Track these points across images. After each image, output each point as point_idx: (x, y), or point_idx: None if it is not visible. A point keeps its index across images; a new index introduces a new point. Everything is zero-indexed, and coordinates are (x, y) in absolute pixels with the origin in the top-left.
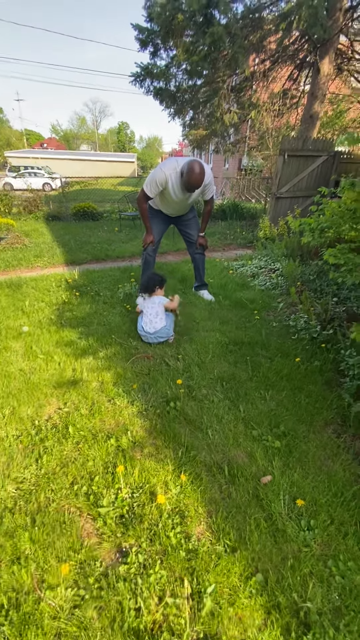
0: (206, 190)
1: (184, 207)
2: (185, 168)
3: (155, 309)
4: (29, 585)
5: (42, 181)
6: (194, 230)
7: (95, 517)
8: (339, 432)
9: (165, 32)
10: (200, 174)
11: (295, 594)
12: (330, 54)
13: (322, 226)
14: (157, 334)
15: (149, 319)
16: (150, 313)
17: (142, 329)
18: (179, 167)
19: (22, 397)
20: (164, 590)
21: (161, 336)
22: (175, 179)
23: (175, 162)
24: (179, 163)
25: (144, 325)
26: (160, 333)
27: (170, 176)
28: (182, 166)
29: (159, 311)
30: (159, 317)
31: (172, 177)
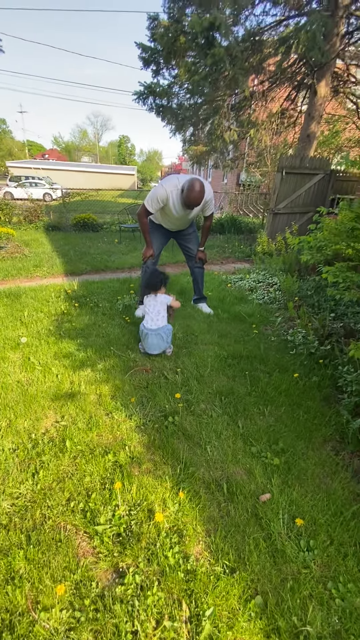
0: (206, 207)
1: (185, 222)
2: (186, 185)
3: (157, 308)
4: (23, 607)
5: (43, 191)
6: (193, 245)
7: (92, 535)
8: (337, 449)
9: (167, 52)
10: (200, 192)
11: (295, 617)
12: (327, 77)
13: (320, 244)
14: (158, 331)
15: (151, 317)
16: (152, 311)
17: (144, 327)
18: (180, 184)
19: (19, 409)
20: (161, 613)
21: (162, 335)
22: (176, 196)
23: (176, 179)
24: (180, 180)
25: (146, 323)
26: (162, 330)
27: (172, 193)
28: (183, 184)
29: (161, 310)
30: (161, 316)
31: (173, 194)
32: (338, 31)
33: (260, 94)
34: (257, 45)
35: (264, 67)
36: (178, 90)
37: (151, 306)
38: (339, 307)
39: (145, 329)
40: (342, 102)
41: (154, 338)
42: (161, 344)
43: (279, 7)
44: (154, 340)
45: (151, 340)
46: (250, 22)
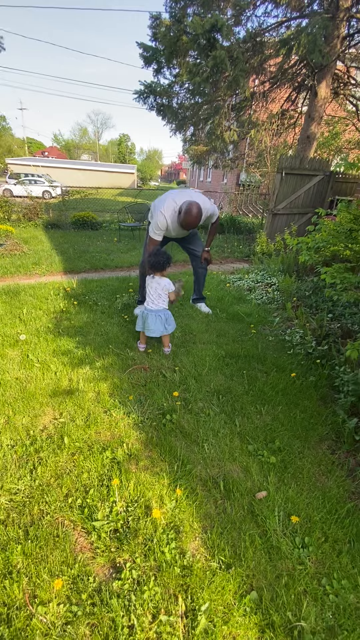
0: (210, 218)
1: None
2: (184, 209)
3: (158, 291)
4: (20, 601)
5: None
6: (197, 246)
7: (90, 531)
8: (333, 448)
9: (169, 52)
10: (196, 217)
11: (290, 612)
12: (327, 79)
13: (318, 245)
14: (158, 313)
15: (152, 298)
16: (154, 294)
17: (145, 308)
18: (177, 206)
19: (18, 406)
20: (157, 607)
21: (162, 316)
22: (175, 218)
23: (173, 202)
24: (177, 202)
25: (146, 304)
26: (162, 312)
27: (171, 217)
28: (181, 205)
29: (161, 294)
30: (162, 299)
31: (172, 218)
32: (339, 33)
33: (260, 94)
34: (258, 47)
35: (264, 68)
36: (179, 89)
37: (153, 288)
38: (337, 307)
39: (145, 310)
40: (342, 103)
41: (154, 319)
42: (159, 327)
43: (280, 9)
44: (154, 320)
45: (151, 321)
46: (252, 23)
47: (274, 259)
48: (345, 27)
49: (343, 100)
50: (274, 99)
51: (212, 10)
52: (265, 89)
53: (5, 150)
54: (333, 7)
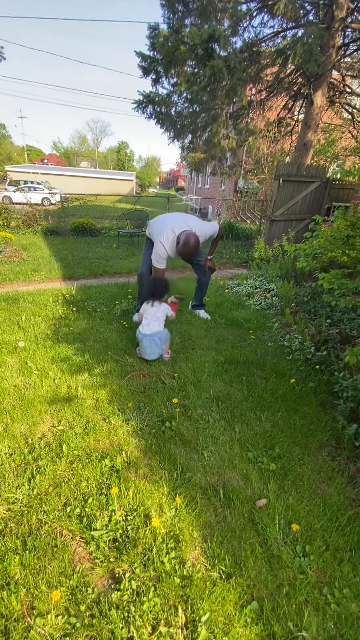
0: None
1: None
2: (182, 239)
3: (156, 314)
4: (18, 612)
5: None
6: (200, 255)
7: (88, 541)
8: (333, 454)
9: (167, 62)
10: (194, 248)
11: (291, 622)
12: (323, 87)
13: (316, 252)
14: (153, 336)
15: (148, 321)
16: (150, 316)
17: (139, 332)
18: (175, 236)
19: (16, 413)
20: (157, 618)
21: (157, 341)
22: (174, 247)
23: (172, 233)
24: (176, 232)
25: (141, 327)
26: (156, 336)
27: (171, 246)
28: (179, 236)
29: (159, 317)
30: (158, 322)
31: (172, 247)
32: (334, 43)
33: (257, 103)
34: (255, 56)
35: (261, 77)
36: (177, 98)
37: (151, 313)
38: (335, 313)
39: (140, 333)
40: (338, 111)
41: (148, 343)
42: (155, 350)
43: (276, 19)
44: (148, 344)
45: (145, 344)
46: (249, 34)
47: (272, 264)
48: (341, 36)
49: (339, 108)
50: (270, 107)
51: (209, 20)
52: (262, 98)
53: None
54: (328, 18)
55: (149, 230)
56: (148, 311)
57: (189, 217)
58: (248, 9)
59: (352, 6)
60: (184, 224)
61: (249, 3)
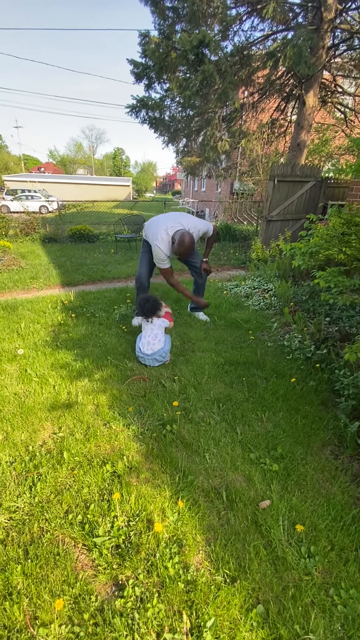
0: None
1: None
2: (177, 239)
3: (155, 332)
4: (21, 623)
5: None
6: (196, 258)
7: (91, 548)
8: (336, 453)
9: (159, 68)
10: (189, 247)
11: (297, 625)
12: (314, 88)
13: (312, 250)
14: (154, 356)
15: (147, 340)
16: (149, 335)
17: (140, 350)
18: (169, 237)
19: (16, 421)
20: (162, 625)
21: (158, 358)
22: (170, 247)
23: (166, 235)
24: (169, 233)
25: (142, 346)
26: (157, 354)
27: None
28: (173, 236)
29: (158, 333)
30: (158, 339)
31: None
32: (324, 44)
33: (250, 105)
34: (246, 60)
35: (253, 80)
36: (170, 103)
37: (147, 330)
38: (334, 311)
39: (140, 353)
40: (330, 111)
41: (150, 362)
42: (157, 363)
43: (266, 23)
44: (151, 363)
45: (149, 363)
46: (239, 38)
47: (270, 265)
48: (330, 37)
49: (331, 108)
50: (263, 109)
51: (199, 26)
52: (255, 100)
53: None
54: (317, 19)
55: (145, 232)
56: (146, 329)
57: (182, 215)
58: (237, 13)
59: (340, 7)
60: (177, 224)
61: (238, 7)
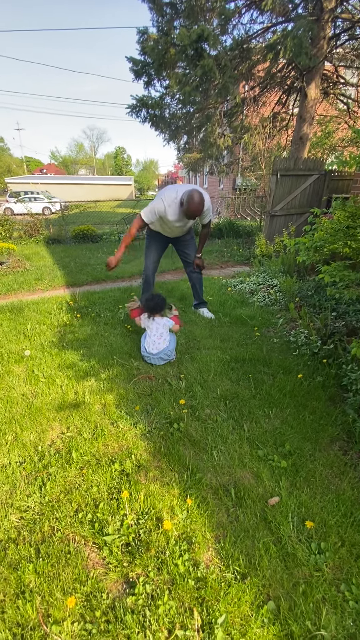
0: (204, 215)
1: (183, 230)
2: (185, 197)
3: (160, 330)
4: (34, 621)
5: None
6: (191, 251)
7: (101, 546)
8: (345, 449)
9: (158, 65)
10: (200, 203)
11: (309, 621)
12: (316, 80)
13: (316, 245)
14: (159, 355)
15: (153, 339)
16: (154, 334)
17: (145, 349)
18: (178, 197)
19: (25, 422)
20: (173, 622)
21: (163, 357)
22: (175, 208)
23: (174, 192)
24: (179, 193)
25: (147, 346)
26: (163, 353)
27: (170, 206)
28: (182, 195)
29: (163, 332)
30: (163, 338)
31: (172, 207)
32: (325, 34)
33: (251, 99)
34: (246, 53)
35: (253, 74)
36: (170, 100)
37: (153, 329)
38: (340, 305)
39: (146, 352)
40: (333, 103)
41: (156, 361)
42: (163, 362)
43: (265, 15)
44: (157, 362)
45: (155, 362)
46: (238, 31)
47: (274, 260)
48: (331, 27)
49: (334, 100)
50: (264, 102)
51: (198, 21)
52: (256, 94)
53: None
54: (317, 10)
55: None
56: (150, 327)
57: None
58: (236, 6)
59: None
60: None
61: (237, 1)
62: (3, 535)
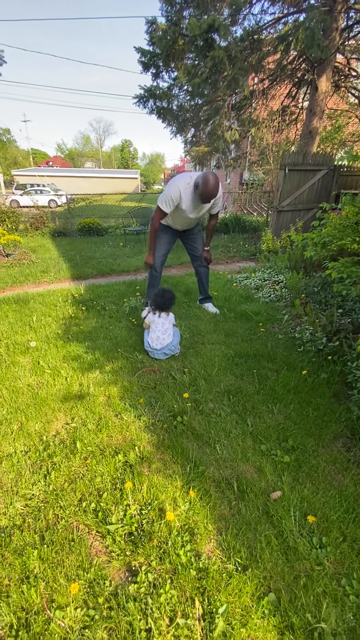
0: (215, 205)
1: (194, 221)
2: (200, 180)
3: (165, 326)
4: (38, 605)
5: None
6: (199, 244)
7: (104, 535)
8: (348, 445)
9: (166, 55)
10: (215, 185)
11: (309, 614)
12: (327, 72)
13: (324, 240)
14: (163, 350)
15: (157, 335)
16: (159, 329)
17: (149, 344)
18: (192, 181)
19: (30, 412)
20: (174, 610)
21: (167, 352)
22: (190, 193)
23: (188, 177)
24: (193, 177)
25: (151, 341)
26: (167, 349)
27: (185, 191)
28: (196, 179)
29: (168, 328)
30: (167, 334)
31: (186, 192)
32: (337, 26)
33: (260, 92)
34: (256, 44)
35: (263, 66)
36: (178, 92)
37: (158, 324)
38: (347, 302)
39: (150, 347)
40: (344, 96)
41: (160, 355)
42: (165, 357)
43: (277, 5)
44: (161, 357)
45: (158, 357)
46: (249, 22)
47: (281, 256)
48: (344, 19)
49: (345, 93)
50: (274, 95)
51: (208, 11)
52: (265, 87)
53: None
54: (330, 0)
55: None
56: (156, 323)
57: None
58: None
59: None
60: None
61: None
62: (8, 521)
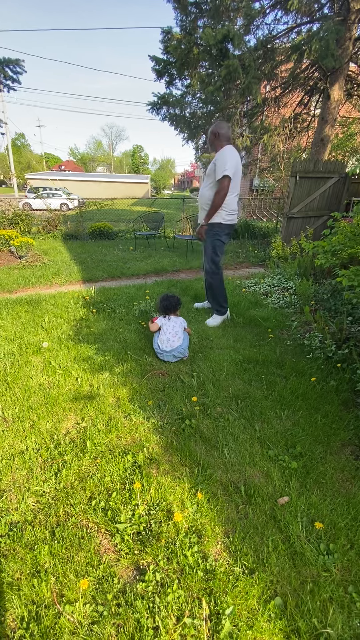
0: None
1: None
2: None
3: (176, 328)
4: (48, 599)
5: (60, 201)
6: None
7: (113, 533)
8: (357, 453)
9: (181, 64)
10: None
11: (315, 619)
12: (340, 81)
13: (335, 248)
14: (173, 352)
15: (167, 337)
16: (169, 332)
17: (159, 346)
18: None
19: (42, 411)
20: (181, 610)
21: (177, 355)
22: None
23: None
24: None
25: (161, 343)
26: (176, 351)
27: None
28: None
29: (178, 331)
30: (178, 337)
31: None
32: (351, 35)
33: (272, 100)
34: (270, 53)
35: (276, 74)
36: (191, 99)
37: (169, 327)
38: (357, 310)
39: (159, 349)
40: (356, 104)
41: (170, 358)
42: (175, 359)
43: (290, 15)
44: (170, 359)
45: (167, 359)
46: (262, 31)
47: (290, 262)
48: (357, 28)
49: (357, 101)
50: (286, 103)
51: (222, 21)
52: (277, 94)
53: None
54: (344, 10)
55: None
56: (166, 325)
57: None
58: (261, 6)
59: None
60: None
61: (262, 0)
62: (20, 517)
